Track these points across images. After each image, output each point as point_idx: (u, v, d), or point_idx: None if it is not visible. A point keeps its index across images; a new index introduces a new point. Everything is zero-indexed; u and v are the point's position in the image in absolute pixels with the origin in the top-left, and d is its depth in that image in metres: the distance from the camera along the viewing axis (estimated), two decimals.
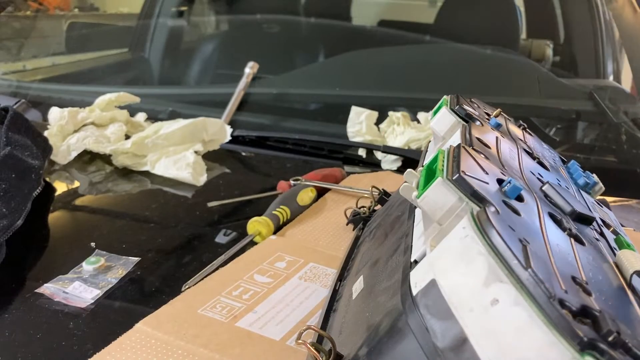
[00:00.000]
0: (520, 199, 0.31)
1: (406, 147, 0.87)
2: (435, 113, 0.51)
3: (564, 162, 0.55)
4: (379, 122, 0.94)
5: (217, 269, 0.55)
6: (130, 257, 0.58)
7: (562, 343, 0.22)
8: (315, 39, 1.38)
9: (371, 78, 1.15)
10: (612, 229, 0.41)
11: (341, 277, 0.48)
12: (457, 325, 0.24)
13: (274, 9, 1.40)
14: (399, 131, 0.90)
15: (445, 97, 0.52)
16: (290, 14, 1.42)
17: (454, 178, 0.30)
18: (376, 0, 1.64)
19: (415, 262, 0.31)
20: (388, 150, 0.87)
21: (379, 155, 0.89)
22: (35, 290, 0.52)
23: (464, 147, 0.35)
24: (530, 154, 0.46)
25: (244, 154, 0.93)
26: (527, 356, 0.22)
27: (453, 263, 0.26)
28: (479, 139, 0.40)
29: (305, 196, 0.70)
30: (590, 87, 1.07)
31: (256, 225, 0.62)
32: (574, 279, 0.26)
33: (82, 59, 1.45)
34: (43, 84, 1.24)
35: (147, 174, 0.81)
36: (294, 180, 0.74)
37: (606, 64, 1.12)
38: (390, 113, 0.94)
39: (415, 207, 0.39)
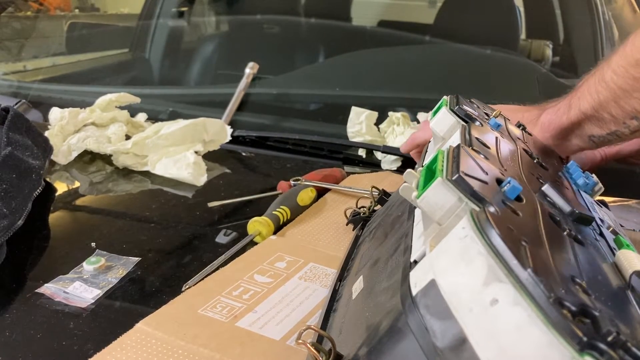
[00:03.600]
0: (519, 199, 0.31)
1: None
2: (435, 113, 0.51)
3: (563, 162, 0.55)
4: (379, 122, 0.94)
5: (217, 269, 0.55)
6: (130, 257, 0.58)
7: (561, 343, 0.22)
8: (315, 40, 1.38)
9: (371, 78, 1.15)
10: (611, 229, 0.41)
11: (341, 277, 0.48)
12: (457, 325, 0.24)
13: (274, 9, 1.40)
14: (399, 131, 0.90)
15: (445, 97, 0.52)
16: (290, 14, 1.42)
17: (453, 178, 0.30)
18: (376, 0, 1.64)
19: (415, 262, 0.31)
20: (388, 150, 0.87)
21: (379, 155, 0.89)
22: (36, 290, 0.52)
23: (463, 147, 0.35)
24: (529, 154, 0.46)
25: (244, 154, 0.93)
26: (526, 356, 0.22)
27: (453, 263, 0.26)
28: (478, 140, 0.40)
29: (305, 196, 0.70)
30: None
31: (256, 225, 0.62)
32: (573, 279, 0.26)
33: (82, 59, 1.45)
34: (44, 85, 1.23)
35: (147, 174, 0.82)
36: (294, 181, 0.74)
37: None
38: (390, 113, 0.94)
39: (415, 207, 0.39)
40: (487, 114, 0.52)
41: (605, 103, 0.53)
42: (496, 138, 0.44)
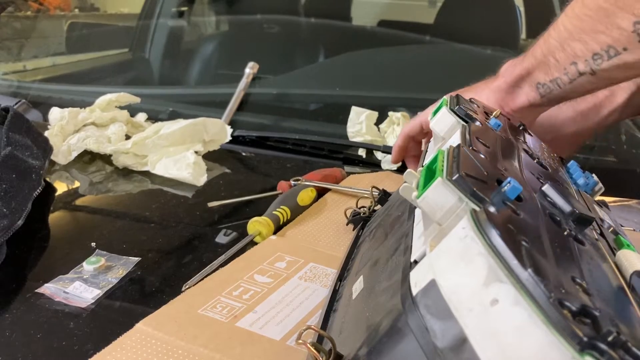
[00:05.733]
0: (519, 199, 0.31)
1: None
2: (435, 113, 0.51)
3: (563, 162, 0.55)
4: (379, 122, 0.94)
5: (217, 269, 0.55)
6: (130, 257, 0.58)
7: (561, 343, 0.22)
8: (315, 39, 1.38)
9: (371, 78, 1.15)
10: (612, 229, 0.41)
11: (341, 277, 0.48)
12: (457, 325, 0.24)
13: (274, 9, 1.40)
14: (399, 131, 0.90)
15: (445, 97, 0.52)
16: (290, 14, 1.42)
17: (453, 178, 0.30)
18: (376, 0, 1.64)
19: (415, 262, 0.31)
20: (388, 150, 0.87)
21: (379, 155, 0.89)
22: (36, 290, 0.52)
23: (463, 147, 0.35)
24: (529, 154, 0.46)
25: (244, 154, 0.93)
26: (526, 356, 0.22)
27: (453, 263, 0.26)
28: (478, 139, 0.40)
29: (306, 196, 0.70)
30: None
31: (256, 225, 0.62)
32: (573, 279, 0.26)
33: (82, 59, 1.45)
34: (43, 84, 1.24)
35: (147, 174, 0.82)
36: (294, 181, 0.74)
37: None
38: (390, 113, 0.94)
39: (415, 207, 0.39)
40: (487, 114, 0.52)
41: (552, 47, 0.52)
42: (496, 138, 0.44)
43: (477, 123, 0.46)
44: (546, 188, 0.36)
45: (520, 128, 0.55)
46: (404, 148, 0.75)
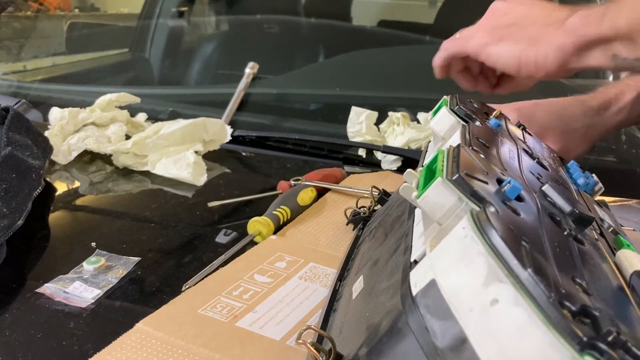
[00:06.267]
0: (520, 199, 0.31)
1: (406, 147, 0.88)
2: (435, 113, 0.51)
3: (563, 162, 0.55)
4: (379, 122, 0.94)
5: (217, 268, 0.55)
6: (130, 257, 0.58)
7: (561, 343, 0.22)
8: (315, 39, 1.38)
9: (371, 78, 1.15)
10: (612, 229, 0.41)
11: (341, 277, 0.48)
12: (457, 325, 0.24)
13: (274, 9, 1.40)
14: (399, 131, 0.90)
15: (445, 97, 0.52)
16: (290, 14, 1.42)
17: (453, 178, 0.30)
18: (376, 0, 1.64)
19: (415, 262, 0.31)
20: (388, 150, 0.87)
21: (379, 155, 0.89)
22: (36, 290, 0.52)
23: (463, 147, 0.35)
24: (529, 154, 0.46)
25: (244, 154, 0.93)
26: (526, 356, 0.22)
27: (453, 263, 0.26)
28: (478, 139, 0.40)
29: (306, 196, 0.70)
30: (590, 87, 1.07)
31: (256, 225, 0.62)
32: (573, 279, 0.26)
33: (82, 59, 1.45)
34: (43, 84, 1.24)
35: (147, 174, 0.82)
36: (294, 180, 0.74)
37: None
38: (390, 113, 0.94)
39: (415, 207, 0.39)
40: (487, 114, 0.52)
41: None
42: (496, 138, 0.44)
43: (477, 123, 0.46)
44: (546, 188, 0.36)
45: (520, 128, 0.55)
46: (446, 67, 0.70)
